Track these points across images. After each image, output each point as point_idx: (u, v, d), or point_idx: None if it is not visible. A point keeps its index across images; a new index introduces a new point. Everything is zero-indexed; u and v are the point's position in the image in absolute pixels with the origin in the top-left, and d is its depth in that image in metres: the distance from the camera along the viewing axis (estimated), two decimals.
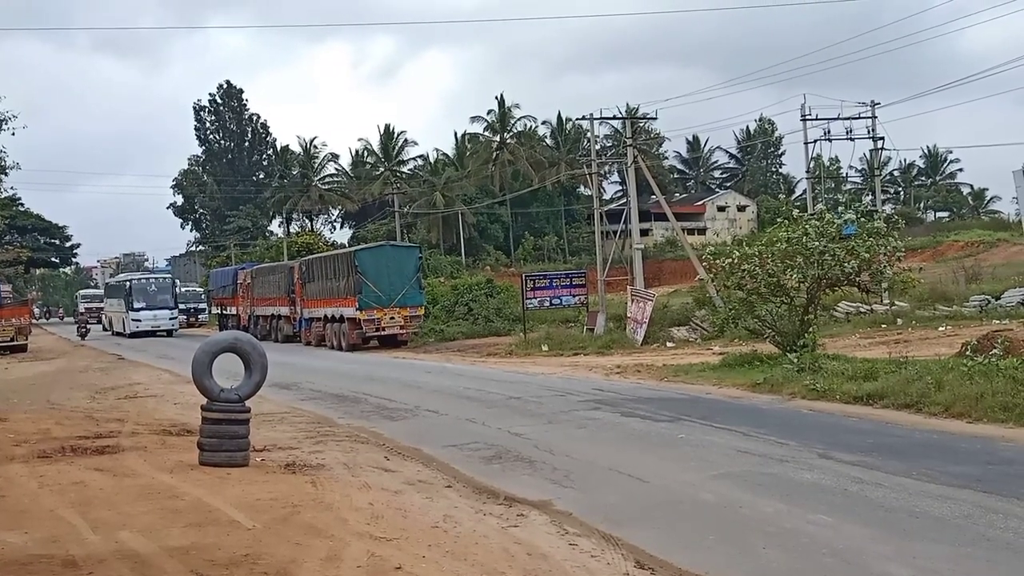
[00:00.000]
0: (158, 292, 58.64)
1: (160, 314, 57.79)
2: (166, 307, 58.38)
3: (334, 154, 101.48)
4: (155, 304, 57.91)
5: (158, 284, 59.91)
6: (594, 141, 46.04)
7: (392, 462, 12.81)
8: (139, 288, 58.84)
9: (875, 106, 43.31)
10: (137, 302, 57.83)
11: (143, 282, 60.50)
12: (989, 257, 51.59)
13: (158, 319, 57.53)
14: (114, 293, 66.11)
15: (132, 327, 57.29)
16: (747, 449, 13.13)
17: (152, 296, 58.28)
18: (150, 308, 57.76)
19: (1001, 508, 9.59)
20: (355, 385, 23.45)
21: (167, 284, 60.54)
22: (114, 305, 64.32)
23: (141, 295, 58.18)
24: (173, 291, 59.99)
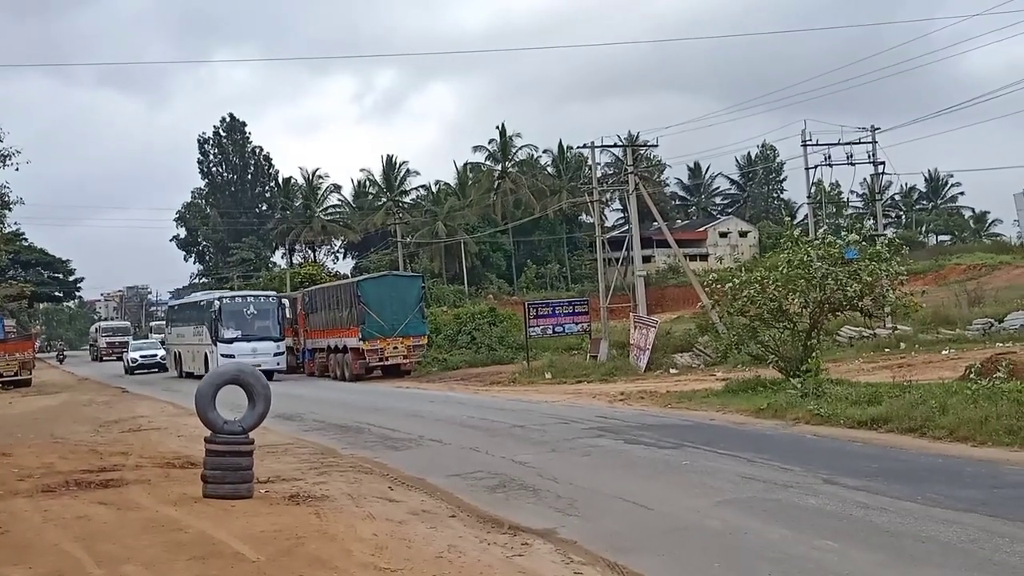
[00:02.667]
0: (257, 316, 42.84)
1: (261, 347, 41.28)
2: (268, 337, 42.09)
3: (336, 185, 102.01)
4: (253, 333, 42.01)
5: (258, 305, 43.77)
6: (595, 169, 46.16)
7: (396, 492, 12.79)
8: (232, 310, 42.66)
9: (875, 131, 43.45)
10: (228, 329, 41.85)
11: (237, 302, 44.03)
12: (991, 280, 51.62)
13: (258, 354, 40.13)
14: (185, 318, 48.76)
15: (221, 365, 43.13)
16: (752, 475, 13.10)
17: (249, 321, 42.41)
18: (247, 338, 41.61)
19: (1007, 532, 9.56)
20: (358, 415, 23.42)
21: (270, 306, 43.73)
22: (185, 335, 47.51)
23: (234, 320, 42.29)
24: (279, 315, 43.34)
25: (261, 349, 41.20)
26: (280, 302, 44.77)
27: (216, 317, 41.96)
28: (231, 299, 44.48)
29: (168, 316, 56.38)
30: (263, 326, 42.56)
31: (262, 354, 40.43)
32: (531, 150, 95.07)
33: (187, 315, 48.60)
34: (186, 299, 55.03)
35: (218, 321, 41.85)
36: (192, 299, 51.79)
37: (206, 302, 45.34)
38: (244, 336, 41.68)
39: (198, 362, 43.97)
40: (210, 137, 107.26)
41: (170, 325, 52.66)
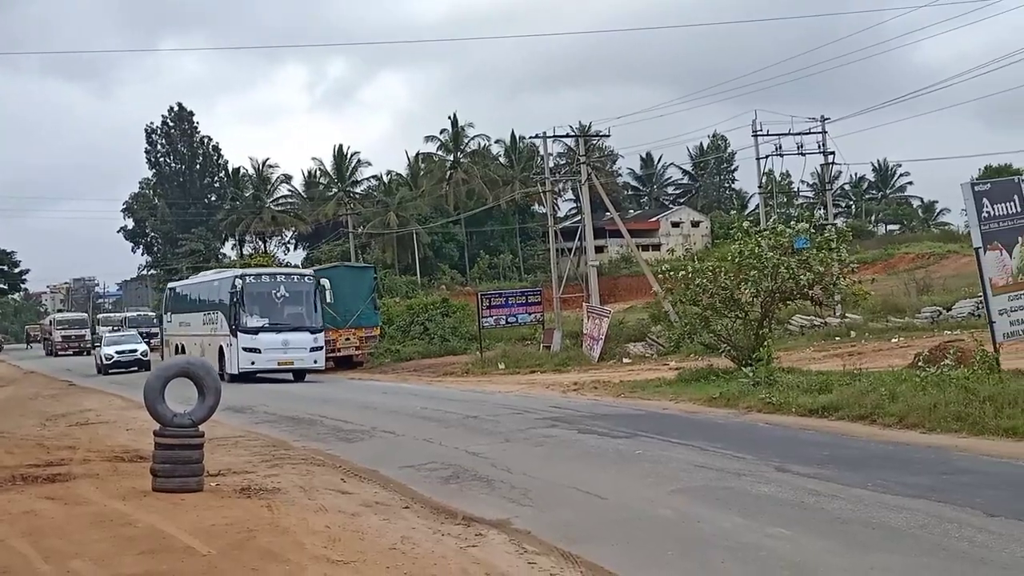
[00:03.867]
0: (289, 300, 34.21)
1: (294, 340, 33.37)
2: (303, 327, 33.76)
3: (287, 175, 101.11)
4: (284, 321, 33.68)
5: (290, 286, 34.79)
6: (547, 159, 46.21)
7: (349, 484, 12.69)
8: (257, 292, 33.90)
9: (825, 121, 43.92)
10: (252, 316, 33.47)
11: (264, 281, 34.76)
12: (939, 269, 52.34)
13: (290, 348, 33.23)
14: (192, 302, 39.96)
15: (242, 363, 33.17)
16: (704, 464, 13.15)
17: (279, 306, 33.97)
18: (276, 328, 33.38)
19: (956, 517, 9.66)
20: (310, 407, 23.26)
21: (306, 287, 35.06)
22: (192, 323, 38.81)
23: (260, 304, 33.69)
24: (316, 299, 34.62)
25: (294, 342, 33.04)
26: (318, 283, 35.31)
27: (237, 300, 33.17)
28: (256, 278, 34.85)
29: (167, 301, 44.71)
30: (296, 313, 34.03)
31: (295, 348, 33.05)
32: (483, 140, 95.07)
33: (194, 299, 39.79)
34: (194, 279, 46.49)
35: (239, 305, 33.15)
36: (202, 279, 43.35)
37: (221, 281, 36.54)
38: (272, 325, 33.25)
39: (209, 357, 33.26)
40: (158, 127, 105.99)
41: (169, 312, 43.19)
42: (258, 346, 33.00)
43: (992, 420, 14.35)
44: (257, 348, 32.95)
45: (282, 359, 33.39)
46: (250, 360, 33.14)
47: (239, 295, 33.36)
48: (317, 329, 34.14)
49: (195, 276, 48.06)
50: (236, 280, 34.07)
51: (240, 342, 33.11)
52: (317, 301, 34.40)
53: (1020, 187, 16.56)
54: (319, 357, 34.18)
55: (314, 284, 34.94)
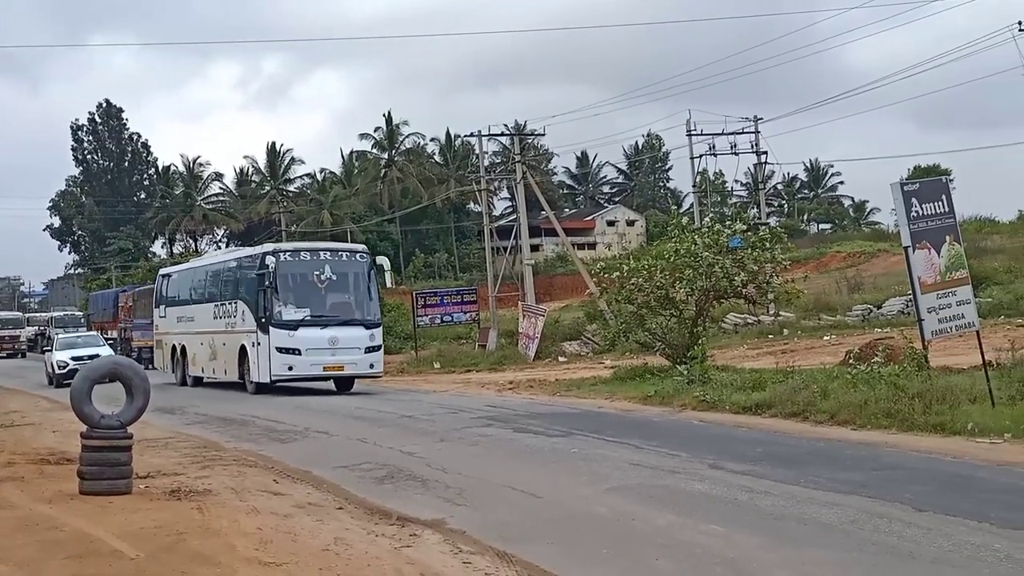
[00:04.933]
0: (337, 284, 26.63)
1: (345, 337, 25.88)
2: (355, 320, 26.52)
3: (218, 173, 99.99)
4: (329, 313, 26.34)
5: (338, 266, 26.74)
6: (482, 158, 46.25)
7: (281, 485, 12.53)
8: (296, 273, 26.34)
9: (758, 121, 44.43)
10: (290, 307, 25.81)
11: (305, 259, 26.58)
12: (870, 267, 53.11)
13: (340, 348, 25.73)
14: (197, 290, 31.99)
15: (276, 368, 25.68)
16: (639, 462, 13.19)
17: (324, 293, 26.38)
18: (321, 321, 25.92)
19: (885, 512, 9.79)
20: (242, 408, 22.97)
21: (359, 267, 27.18)
22: (198, 317, 30.92)
23: (300, 290, 26.19)
24: (372, 284, 27.24)
25: (345, 340, 25.46)
26: (374, 260, 27.59)
27: (268, 284, 25.41)
28: (293, 255, 26.28)
29: (158, 291, 36.26)
30: (345, 301, 26.56)
31: (346, 348, 25.45)
32: (418, 138, 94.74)
33: (200, 286, 31.56)
34: (197, 261, 36.24)
35: (271, 291, 25.38)
36: (210, 260, 34.07)
37: (242, 262, 28.40)
38: (316, 318, 25.57)
39: (226, 360, 27.94)
40: (84, 124, 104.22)
41: (163, 305, 34.84)
42: (297, 345, 25.11)
43: (921, 416, 14.59)
44: (296, 348, 25.10)
45: (329, 363, 25.27)
46: (286, 364, 25.17)
47: (271, 278, 25.30)
48: (374, 323, 26.38)
49: (198, 258, 37.85)
50: (267, 258, 25.72)
51: (273, 340, 25.19)
52: (373, 285, 26.75)
53: (948, 187, 16.85)
54: (376, 360, 26.13)
55: (369, 263, 26.91)
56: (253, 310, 26.25)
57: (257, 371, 26.14)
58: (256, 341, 26.03)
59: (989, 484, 11.19)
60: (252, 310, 26.35)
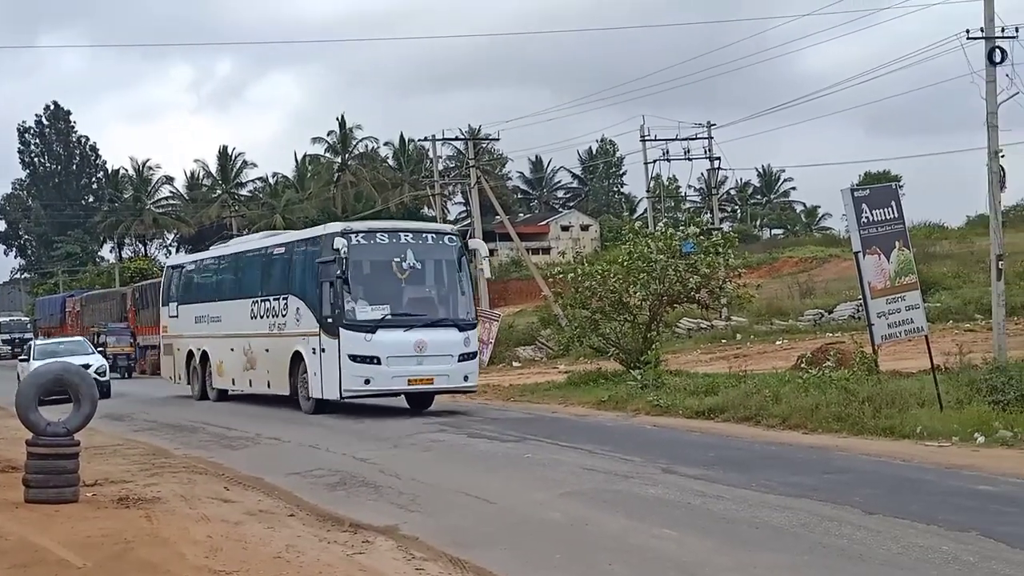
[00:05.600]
0: (422, 276, 21.27)
1: (435, 342, 20.12)
2: (447, 321, 20.83)
3: (169, 176, 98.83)
4: (415, 312, 20.63)
5: (423, 252, 20.90)
6: (436, 162, 46.22)
7: (232, 492, 12.40)
8: (373, 260, 20.69)
9: (711, 127, 44.75)
10: (362, 303, 20.06)
11: (382, 243, 20.73)
12: (822, 272, 53.58)
13: (428, 355, 20.03)
14: (229, 284, 25.98)
15: (348, 380, 19.85)
16: (593, 467, 13.20)
17: (405, 287, 20.81)
18: (405, 321, 20.24)
19: (836, 516, 9.88)
20: (192, 414, 22.73)
21: (447, 255, 21.26)
22: (226, 317, 25.44)
23: (377, 282, 20.59)
24: (466, 275, 21.56)
25: (434, 345, 19.86)
26: (465, 247, 21.76)
27: (339, 273, 19.66)
28: (369, 237, 20.48)
29: (168, 287, 29.75)
30: (431, 297, 21.14)
31: (436, 356, 19.89)
32: (372, 142, 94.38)
33: (230, 278, 25.83)
34: (223, 248, 28.51)
35: (341, 282, 19.71)
36: (244, 245, 27.17)
37: (295, 246, 22.81)
38: (398, 317, 19.98)
39: (271, 370, 22.70)
40: (31, 126, 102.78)
41: (175, 302, 28.71)
42: (376, 352, 19.51)
43: (871, 420, 14.76)
44: (374, 356, 19.52)
45: (416, 374, 19.84)
46: (362, 376, 19.63)
47: (343, 265, 19.48)
48: (468, 323, 20.75)
49: (223, 244, 30.10)
50: (337, 240, 19.72)
51: (344, 345, 19.59)
52: (466, 276, 21.12)
53: (897, 193, 17.07)
54: (472, 371, 20.61)
55: (460, 247, 21.15)
56: (313, 307, 20.59)
57: (319, 384, 20.30)
58: (318, 346, 20.27)
59: (937, 487, 11.32)
60: (312, 307, 20.67)
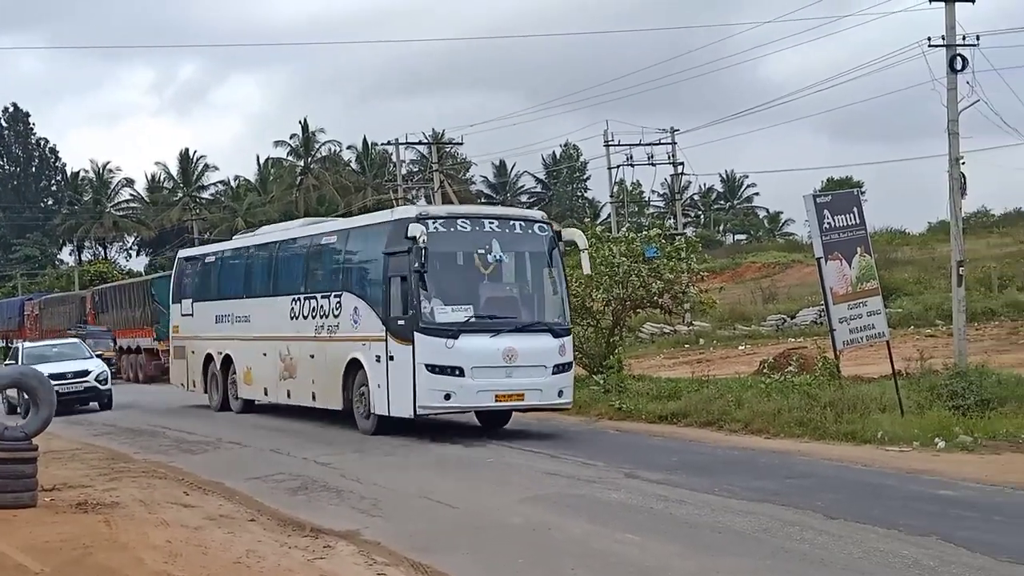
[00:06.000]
0: (509, 271, 17.63)
1: (526, 349, 16.39)
2: (540, 325, 17.04)
3: (129, 179, 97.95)
4: (502, 314, 17.02)
5: (512, 241, 17.20)
6: (400, 166, 46.11)
7: (192, 497, 12.28)
8: (455, 254, 17.20)
9: (675, 132, 44.90)
10: (439, 303, 16.46)
11: (465, 232, 17.02)
12: (784, 278, 53.92)
13: (518, 367, 16.26)
14: (260, 279, 22.23)
15: (424, 395, 16.19)
16: (555, 471, 13.20)
17: (490, 284, 17.19)
18: (491, 326, 16.56)
19: (797, 520, 9.93)
20: (152, 418, 22.51)
21: (538, 247, 17.48)
22: (257, 321, 21.70)
23: (462, 279, 17.16)
24: (561, 270, 17.67)
25: (526, 353, 16.43)
26: (558, 237, 17.94)
27: (417, 266, 16.15)
28: (448, 223, 17.00)
29: (180, 280, 25.93)
30: (519, 297, 17.75)
31: (527, 366, 16.44)
32: (335, 146, 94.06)
33: (263, 272, 22.10)
34: (251, 239, 24.37)
35: (417, 277, 16.27)
36: (281, 235, 22.52)
37: (354, 234, 19.19)
38: (483, 320, 16.63)
39: (317, 379, 19.19)
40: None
41: (189, 298, 24.99)
42: (459, 363, 16.06)
43: (832, 425, 14.85)
44: (457, 367, 16.07)
45: (504, 388, 16.35)
46: (441, 390, 16.21)
47: (420, 257, 15.96)
48: (563, 328, 17.18)
49: (248, 233, 26.32)
50: (412, 227, 16.20)
51: (420, 353, 16.15)
52: (559, 271, 17.54)
53: (859, 199, 17.20)
54: (567, 384, 17.06)
55: (552, 237, 17.57)
56: (377, 307, 17.17)
57: (384, 399, 16.83)
58: (383, 354, 16.81)
59: (898, 492, 11.41)
60: (375, 307, 17.23)
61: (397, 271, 16.75)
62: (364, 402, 17.48)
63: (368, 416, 17.45)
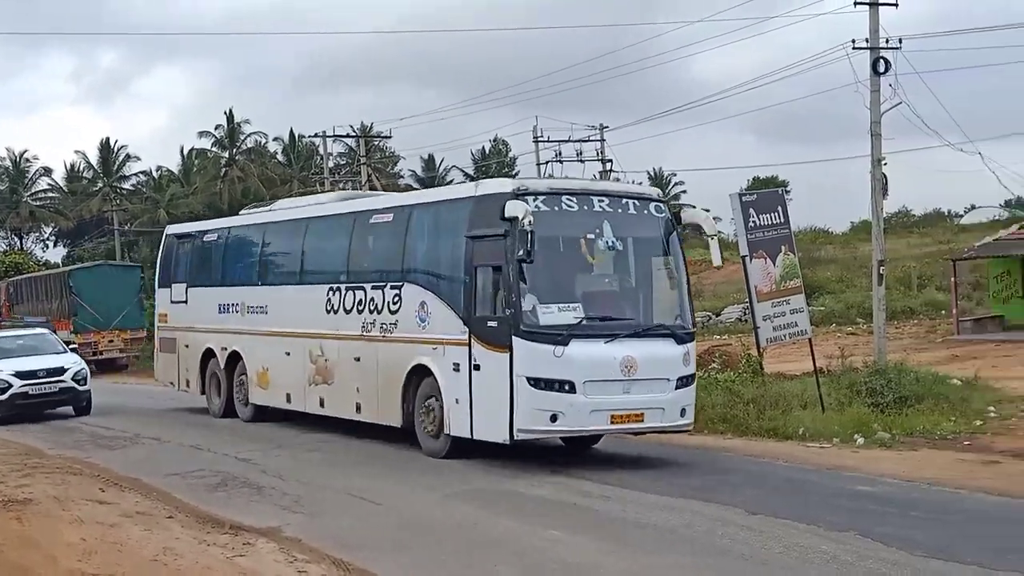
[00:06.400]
0: (617, 261, 13.83)
1: (648, 358, 12.86)
2: (660, 329, 13.42)
3: (47, 168, 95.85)
4: (619, 315, 13.55)
5: (625, 224, 13.60)
6: (327, 159, 45.74)
7: (108, 494, 12.01)
8: (552, 239, 13.27)
9: (604, 129, 45.12)
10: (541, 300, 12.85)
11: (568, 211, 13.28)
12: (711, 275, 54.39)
13: (639, 380, 12.81)
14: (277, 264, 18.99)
15: (525, 416, 12.55)
16: (480, 468, 13.12)
17: (605, 278, 14.00)
18: (606, 330, 13.02)
19: (720, 516, 10.00)
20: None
21: (654, 231, 13.83)
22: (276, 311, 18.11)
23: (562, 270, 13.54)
24: (673, 262, 13.91)
25: (647, 364, 12.91)
26: (677, 219, 14.27)
27: (522, 255, 12.54)
28: (551, 201, 13.22)
29: (174, 261, 22.26)
30: (630, 294, 14.14)
31: (648, 379, 12.96)
32: (261, 137, 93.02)
33: (283, 253, 18.96)
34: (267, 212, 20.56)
35: (517, 267, 12.71)
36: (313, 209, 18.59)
37: (420, 211, 15.55)
38: (596, 322, 13.16)
39: (360, 387, 15.74)
40: None
41: (183, 282, 21.46)
42: (570, 375, 12.73)
43: (755, 421, 15.03)
44: (566, 381, 12.72)
45: (620, 407, 13.05)
46: (547, 410, 12.76)
47: (525, 243, 12.58)
48: (688, 332, 13.81)
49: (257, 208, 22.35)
50: (511, 205, 12.93)
51: (521, 363, 12.77)
52: (680, 261, 14.12)
53: (784, 198, 17.41)
54: (690, 401, 13.67)
55: (670, 219, 14.11)
56: (455, 303, 13.78)
57: (464, 417, 13.32)
58: (466, 361, 13.37)
59: (818, 488, 11.56)
60: (452, 303, 13.84)
61: (486, 259, 13.29)
62: (433, 418, 13.95)
63: (437, 435, 13.92)
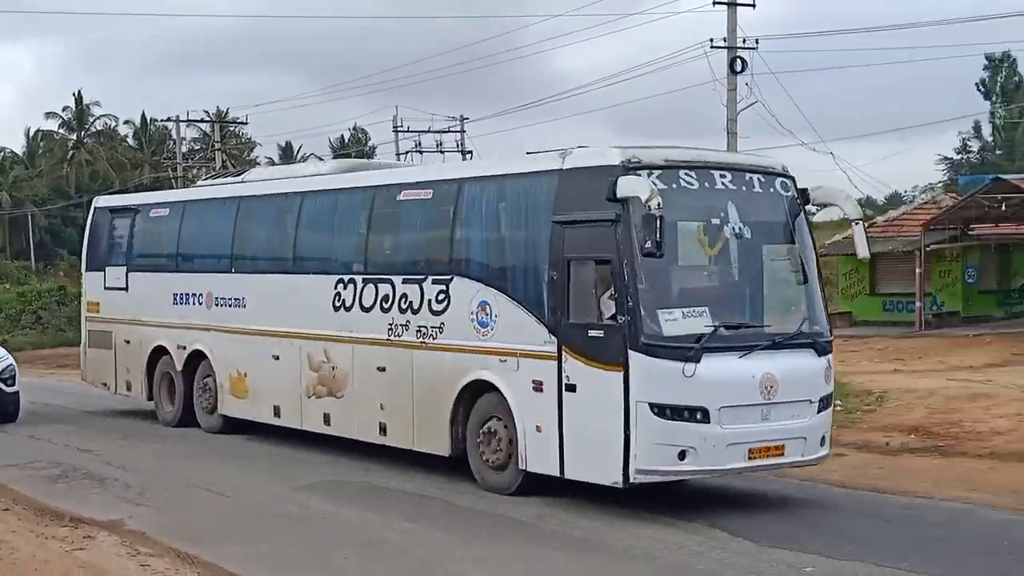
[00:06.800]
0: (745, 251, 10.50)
1: (789, 375, 9.97)
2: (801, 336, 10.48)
3: None
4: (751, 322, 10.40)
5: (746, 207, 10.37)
6: (180, 143, 44.73)
7: None
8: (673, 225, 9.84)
9: (464, 120, 45.20)
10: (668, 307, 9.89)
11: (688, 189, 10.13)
12: None
13: (777, 405, 9.93)
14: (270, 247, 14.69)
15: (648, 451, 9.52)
16: (331, 460, 12.99)
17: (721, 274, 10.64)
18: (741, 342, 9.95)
19: (573, 507, 10.12)
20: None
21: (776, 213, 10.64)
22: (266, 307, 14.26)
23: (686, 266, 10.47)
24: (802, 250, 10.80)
25: (788, 383, 10.03)
26: (801, 197, 10.85)
27: (647, 246, 9.33)
28: (668, 177, 9.99)
29: (111, 237, 17.75)
30: (760, 293, 10.78)
31: (788, 401, 10.08)
32: (111, 120, 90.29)
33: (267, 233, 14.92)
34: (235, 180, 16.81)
35: (628, 262, 9.67)
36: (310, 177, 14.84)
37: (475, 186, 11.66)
38: (728, 332, 10.03)
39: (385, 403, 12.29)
40: None
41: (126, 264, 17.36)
42: (702, 400, 9.67)
43: None
44: (700, 408, 9.67)
45: (759, 439, 10.07)
46: (675, 445, 9.65)
47: (653, 232, 9.29)
48: (827, 341, 10.78)
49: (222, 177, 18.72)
50: (624, 182, 9.71)
51: (639, 385, 9.62)
52: (809, 248, 11.06)
53: None
54: (827, 426, 10.82)
55: (796, 199, 10.86)
56: (538, 305, 10.67)
57: (551, 451, 10.38)
58: (554, 379, 10.38)
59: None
60: (532, 305, 10.73)
61: (586, 251, 10.29)
62: (497, 448, 10.92)
63: (504, 467, 10.90)
